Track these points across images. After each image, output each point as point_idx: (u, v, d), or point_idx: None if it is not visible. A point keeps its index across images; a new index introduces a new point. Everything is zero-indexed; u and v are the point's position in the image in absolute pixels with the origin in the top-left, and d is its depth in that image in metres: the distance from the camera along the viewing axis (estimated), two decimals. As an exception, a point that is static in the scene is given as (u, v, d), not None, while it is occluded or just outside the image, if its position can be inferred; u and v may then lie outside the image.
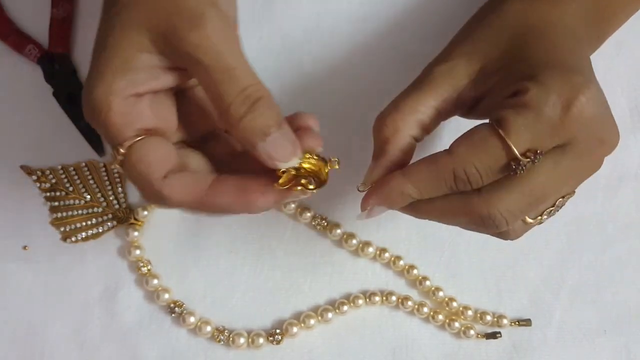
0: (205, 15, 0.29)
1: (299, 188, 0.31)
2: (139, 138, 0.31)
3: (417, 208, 0.33)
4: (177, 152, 0.33)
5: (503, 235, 0.34)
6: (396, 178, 0.32)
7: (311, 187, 0.31)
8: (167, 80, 0.32)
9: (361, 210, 0.34)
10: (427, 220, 0.34)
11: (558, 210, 0.34)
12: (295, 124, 0.33)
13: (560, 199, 0.33)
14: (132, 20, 0.30)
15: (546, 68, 0.30)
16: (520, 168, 0.29)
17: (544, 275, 0.45)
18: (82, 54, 0.47)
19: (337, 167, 0.32)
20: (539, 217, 0.33)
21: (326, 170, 0.32)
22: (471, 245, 0.46)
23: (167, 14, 0.30)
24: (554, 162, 0.31)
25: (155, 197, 0.31)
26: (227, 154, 0.34)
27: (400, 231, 0.46)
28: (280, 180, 0.31)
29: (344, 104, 0.46)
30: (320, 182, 0.32)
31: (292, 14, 0.46)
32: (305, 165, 0.31)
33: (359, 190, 0.34)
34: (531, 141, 0.29)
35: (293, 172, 0.31)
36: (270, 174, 0.31)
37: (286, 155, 0.30)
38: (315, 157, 0.32)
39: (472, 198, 0.31)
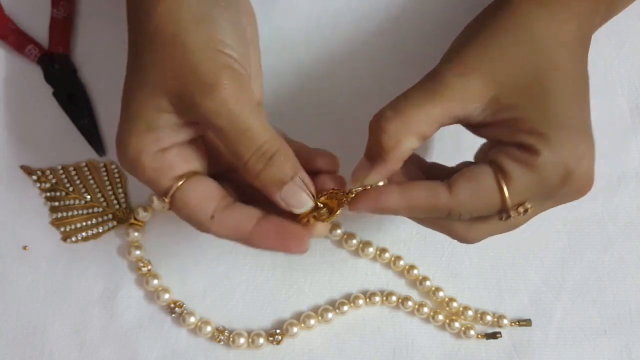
0: (219, 82, 0.31)
1: (312, 221, 0.33)
2: (180, 183, 0.33)
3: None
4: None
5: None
6: (393, 198, 0.33)
7: (323, 218, 0.34)
8: (189, 133, 0.33)
9: (349, 210, 0.35)
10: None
11: None
12: (316, 164, 0.35)
13: None
14: (153, 84, 0.32)
15: (558, 128, 0.32)
16: (507, 217, 0.33)
17: (544, 275, 0.45)
18: (82, 54, 0.47)
19: (346, 205, 0.34)
20: None
21: (338, 210, 0.34)
22: (471, 245, 0.45)
23: (183, 79, 0.31)
24: (538, 205, 0.33)
25: (207, 232, 0.33)
26: (250, 185, 0.35)
27: (400, 231, 0.46)
28: (299, 217, 0.33)
29: (343, 104, 0.46)
30: (330, 213, 0.34)
31: (292, 13, 0.46)
32: (321, 200, 0.34)
33: (351, 191, 0.34)
34: (527, 198, 0.32)
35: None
36: None
37: (301, 202, 0.33)
38: (331, 191, 0.34)
39: (454, 223, 0.35)
